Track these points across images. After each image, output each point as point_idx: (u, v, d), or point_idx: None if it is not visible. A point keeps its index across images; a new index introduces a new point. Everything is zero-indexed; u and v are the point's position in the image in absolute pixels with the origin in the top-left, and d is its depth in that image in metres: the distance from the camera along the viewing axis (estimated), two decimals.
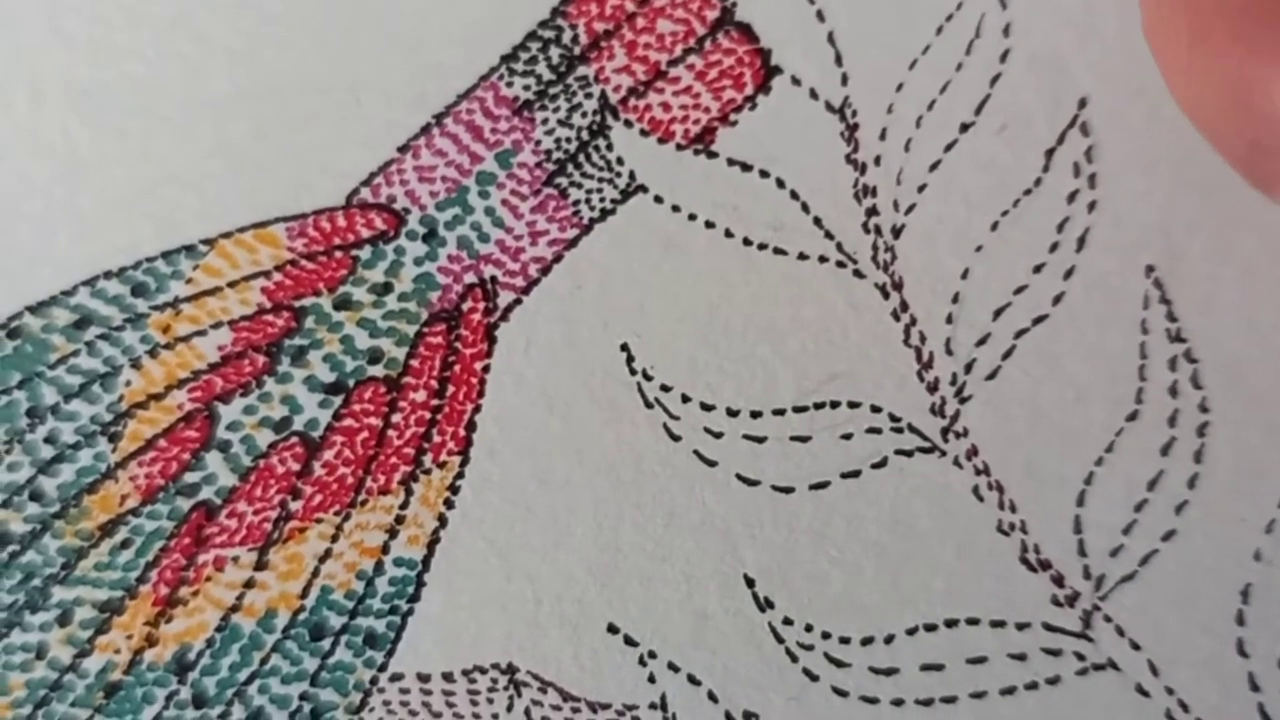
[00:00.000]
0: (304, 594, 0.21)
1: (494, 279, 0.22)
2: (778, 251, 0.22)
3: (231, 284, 0.22)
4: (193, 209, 0.22)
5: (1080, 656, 0.21)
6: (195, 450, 0.21)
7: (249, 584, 0.21)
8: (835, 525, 0.22)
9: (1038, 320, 0.22)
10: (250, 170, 0.22)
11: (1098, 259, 0.21)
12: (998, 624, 0.22)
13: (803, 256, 0.22)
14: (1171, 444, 0.22)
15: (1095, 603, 0.22)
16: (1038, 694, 0.21)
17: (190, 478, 0.21)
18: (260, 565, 0.21)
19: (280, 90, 0.22)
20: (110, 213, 0.22)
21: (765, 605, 0.22)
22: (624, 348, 0.22)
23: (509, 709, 0.21)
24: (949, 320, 0.23)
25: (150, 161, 0.22)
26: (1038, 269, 0.22)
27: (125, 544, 0.21)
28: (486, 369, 0.22)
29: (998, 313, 0.22)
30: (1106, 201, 0.21)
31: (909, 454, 0.22)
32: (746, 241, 0.22)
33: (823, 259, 0.22)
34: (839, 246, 0.22)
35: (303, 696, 0.21)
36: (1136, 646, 0.21)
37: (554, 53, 0.22)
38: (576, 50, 0.22)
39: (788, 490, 0.22)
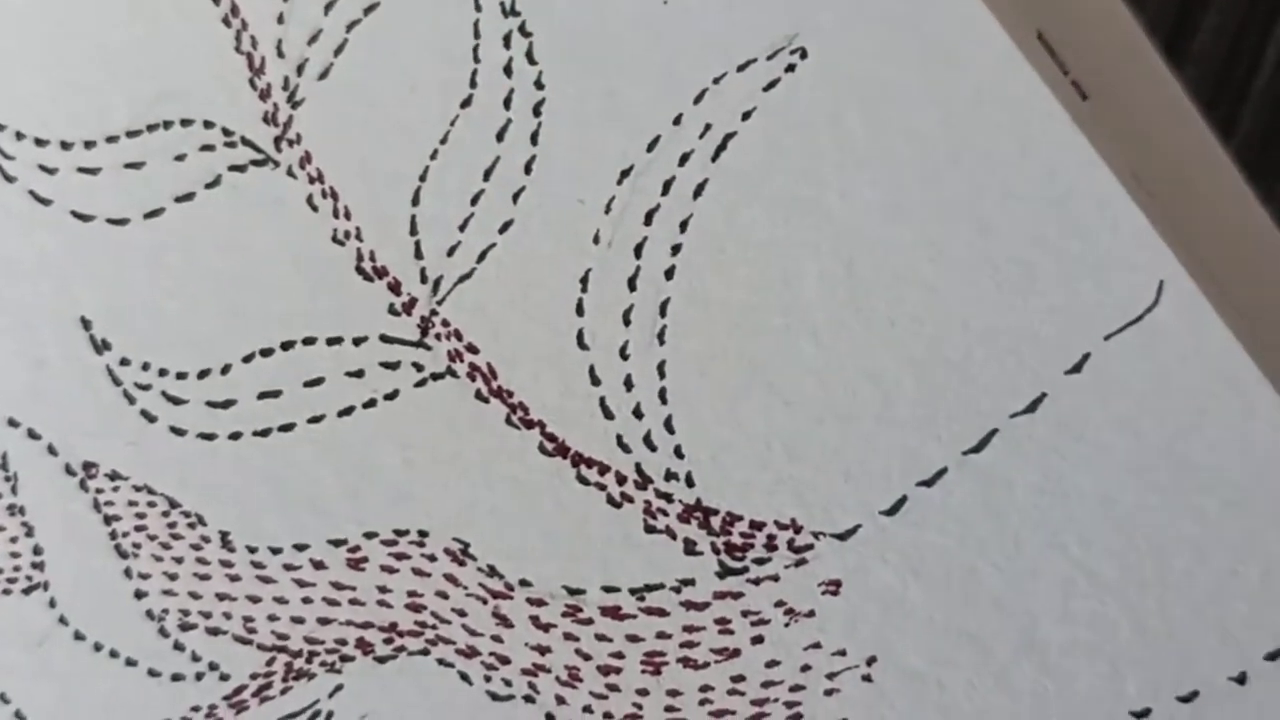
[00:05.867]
0: None
1: None
2: None
3: None
4: None
5: (418, 366, 0.20)
6: None
7: None
8: (171, 255, 0.21)
9: (370, 9, 0.21)
10: None
11: None
12: (334, 341, 0.20)
13: None
14: (507, 127, 0.20)
15: (433, 307, 0.20)
16: (375, 411, 0.20)
17: None
18: None
19: None
20: None
21: (102, 347, 0.20)
22: None
23: None
24: (280, 20, 0.21)
25: None
26: None
27: None
28: None
29: (329, 7, 0.21)
30: None
31: (242, 169, 0.21)
32: None
33: None
34: None
35: None
36: (475, 350, 0.20)
37: None
38: None
39: (122, 222, 0.21)
